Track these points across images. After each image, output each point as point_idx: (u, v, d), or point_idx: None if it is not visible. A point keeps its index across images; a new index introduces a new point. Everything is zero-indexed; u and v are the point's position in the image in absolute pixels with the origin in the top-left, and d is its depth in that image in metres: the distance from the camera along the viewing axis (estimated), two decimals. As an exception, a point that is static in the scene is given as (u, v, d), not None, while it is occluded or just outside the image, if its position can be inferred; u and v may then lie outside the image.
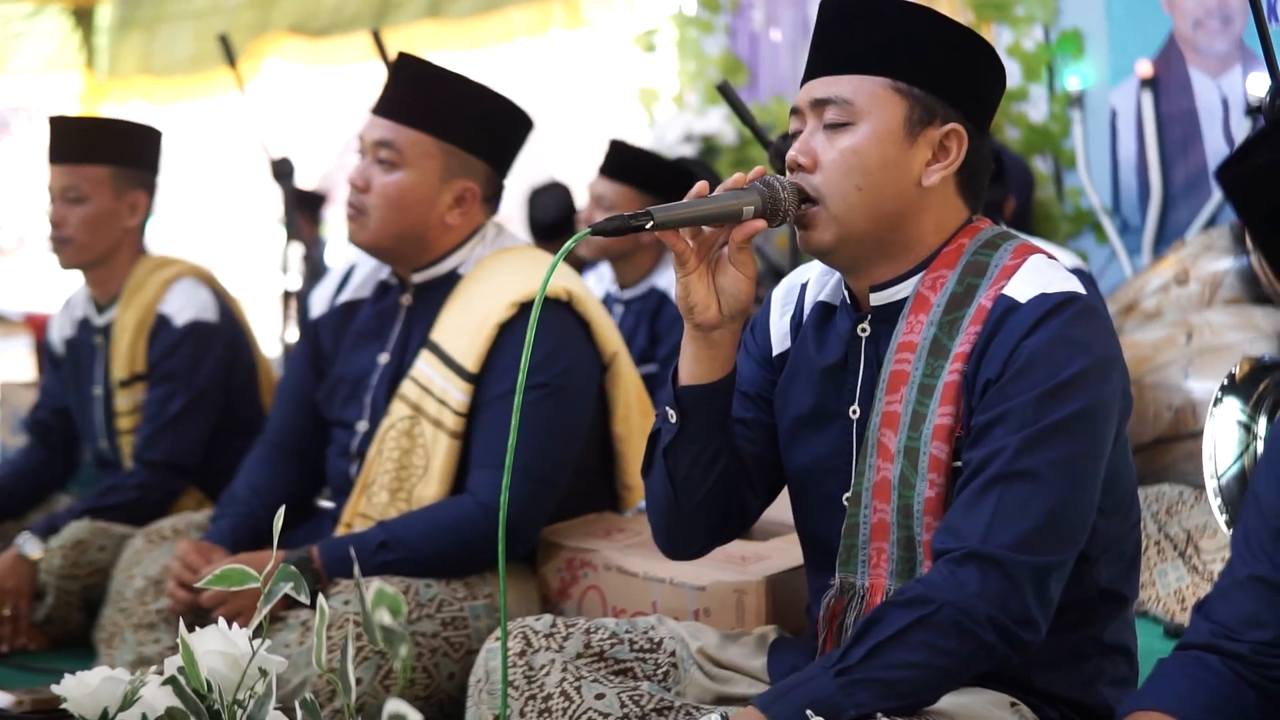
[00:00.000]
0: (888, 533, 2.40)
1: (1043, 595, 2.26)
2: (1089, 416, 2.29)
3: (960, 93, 2.46)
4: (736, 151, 7.78)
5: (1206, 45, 5.84)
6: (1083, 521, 2.31)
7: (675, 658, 2.63)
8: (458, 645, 3.28)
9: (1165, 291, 5.19)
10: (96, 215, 4.52)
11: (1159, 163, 5.97)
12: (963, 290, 2.41)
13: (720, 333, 2.47)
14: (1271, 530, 2.15)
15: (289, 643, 3.14)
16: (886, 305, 2.48)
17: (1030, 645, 2.27)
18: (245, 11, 10.37)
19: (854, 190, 2.40)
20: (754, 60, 8.09)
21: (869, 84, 2.42)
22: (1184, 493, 4.23)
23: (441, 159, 3.50)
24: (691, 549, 2.72)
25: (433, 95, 3.52)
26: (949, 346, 2.38)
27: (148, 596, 3.56)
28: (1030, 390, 2.28)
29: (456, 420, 3.42)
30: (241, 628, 2.17)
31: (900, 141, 2.42)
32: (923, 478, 2.36)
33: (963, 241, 2.47)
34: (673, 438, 2.52)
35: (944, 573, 2.25)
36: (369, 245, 3.54)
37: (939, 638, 2.22)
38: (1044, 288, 2.34)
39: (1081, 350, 2.30)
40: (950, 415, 2.35)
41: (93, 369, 4.70)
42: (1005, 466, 2.26)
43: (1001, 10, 6.51)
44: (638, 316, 5.73)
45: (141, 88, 11.08)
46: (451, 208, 3.53)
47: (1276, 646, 2.15)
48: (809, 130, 2.46)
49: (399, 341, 3.61)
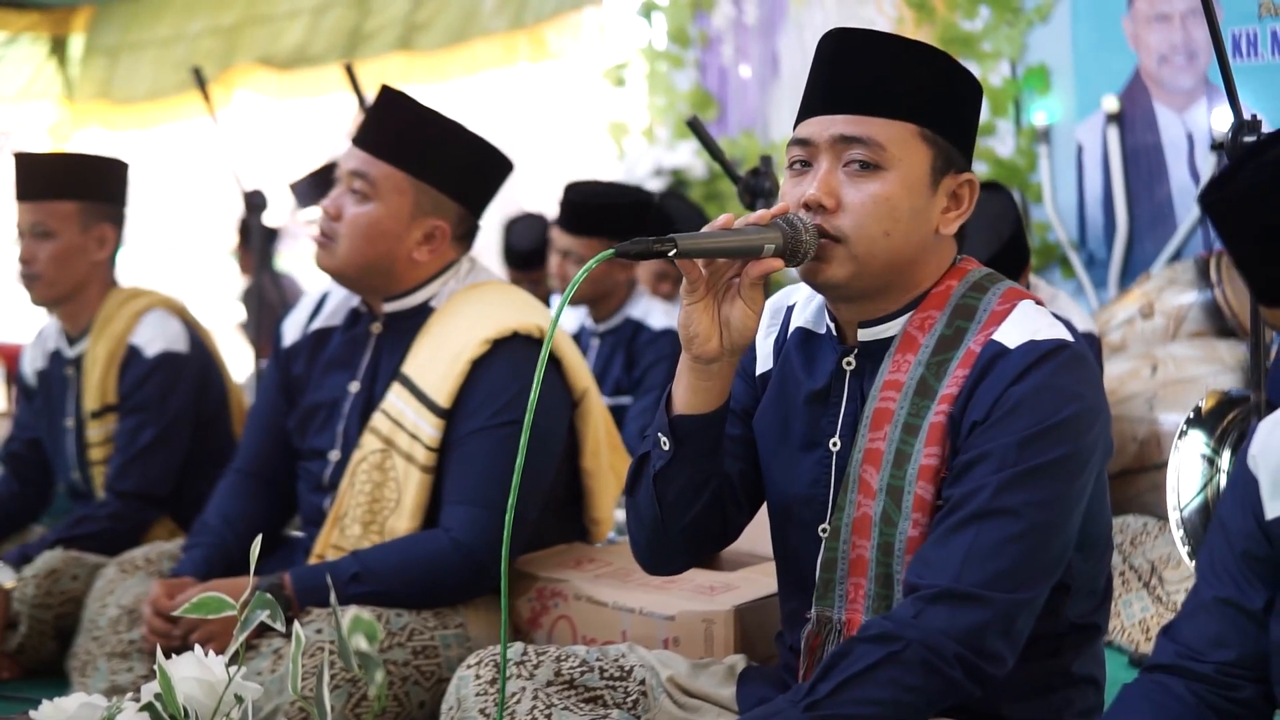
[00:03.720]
0: (866, 569, 2.40)
1: (1010, 632, 2.27)
2: (1071, 462, 2.30)
3: (969, 140, 2.48)
4: (706, 185, 7.81)
5: (1171, 81, 5.89)
6: (1056, 563, 2.32)
7: (645, 686, 2.64)
8: (428, 674, 3.29)
9: (1130, 325, 5.24)
10: (65, 250, 4.53)
11: (1125, 197, 6.01)
12: (951, 333, 2.41)
13: (719, 365, 2.43)
14: (1236, 554, 2.18)
15: (261, 670, 3.15)
16: (873, 341, 2.48)
17: (995, 680, 2.28)
18: (208, 39, 10.39)
19: (882, 236, 2.38)
20: (723, 95, 8.13)
21: (900, 129, 2.39)
22: (1149, 524, 4.27)
23: (413, 195, 3.51)
24: (672, 566, 2.71)
25: (410, 132, 3.53)
26: (936, 388, 2.38)
27: (121, 626, 3.56)
28: (1015, 433, 2.28)
29: (428, 455, 3.43)
30: (217, 654, 2.18)
31: (925, 189, 2.41)
32: (906, 516, 2.36)
33: (951, 283, 2.47)
34: (664, 464, 2.50)
35: (913, 609, 2.25)
36: (335, 272, 3.56)
37: (906, 675, 2.22)
38: (1033, 335, 2.34)
39: (1069, 398, 2.30)
40: (936, 456, 2.35)
41: (64, 401, 4.70)
42: (983, 505, 2.27)
43: (969, 45, 6.56)
44: (613, 348, 5.77)
45: (99, 114, 11.11)
46: (420, 244, 3.54)
47: (1240, 666, 2.18)
48: (827, 169, 2.41)
49: (369, 370, 3.62)
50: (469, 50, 9.16)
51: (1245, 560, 2.18)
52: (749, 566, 3.35)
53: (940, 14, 6.71)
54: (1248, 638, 2.17)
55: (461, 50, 9.18)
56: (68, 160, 4.83)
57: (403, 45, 9.37)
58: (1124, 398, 4.75)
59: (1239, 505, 2.19)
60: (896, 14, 6.93)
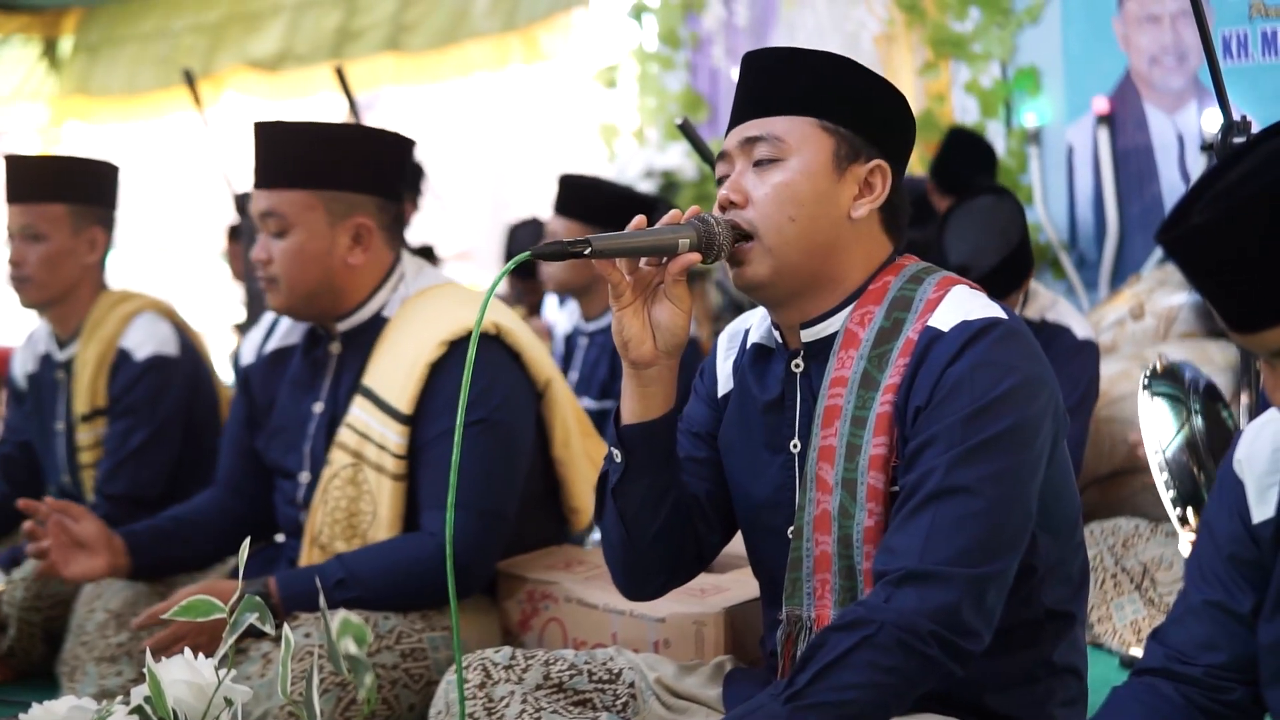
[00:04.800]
0: (830, 563, 2.42)
1: (981, 605, 2.27)
2: (1017, 433, 2.32)
3: (881, 133, 2.53)
4: (697, 187, 7.82)
5: (1162, 82, 5.90)
6: (1019, 533, 2.33)
7: (634, 689, 2.66)
8: (418, 676, 3.30)
9: (1121, 326, 5.25)
10: (55, 253, 4.53)
11: (1115, 198, 6.02)
12: (890, 324, 2.45)
13: (656, 369, 2.49)
14: (1223, 557, 2.19)
15: (250, 675, 3.15)
16: (817, 341, 2.52)
17: (973, 655, 2.28)
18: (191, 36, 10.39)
19: (788, 222, 2.45)
20: (714, 96, 8.14)
21: (799, 122, 2.48)
22: (1140, 525, 4.27)
23: (322, 207, 3.51)
24: (650, 587, 2.74)
25: (294, 151, 3.54)
26: (879, 379, 2.41)
27: (109, 630, 3.56)
28: (957, 413, 2.31)
29: (397, 463, 3.45)
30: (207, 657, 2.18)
31: (829, 175, 2.47)
32: (861, 507, 2.38)
33: (888, 278, 2.51)
34: (619, 477, 2.55)
35: (883, 594, 2.27)
36: (288, 310, 3.58)
37: (883, 657, 2.23)
38: (965, 315, 2.38)
39: (1005, 371, 2.33)
40: (884, 445, 2.38)
41: (55, 404, 4.70)
42: (937, 485, 2.29)
43: (959, 48, 6.57)
44: (601, 349, 5.76)
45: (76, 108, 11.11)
46: (351, 248, 3.55)
47: (1229, 669, 2.19)
48: (738, 170, 2.51)
49: (331, 389, 3.63)
50: (459, 51, 9.16)
51: (1233, 564, 2.18)
52: (739, 569, 3.35)
53: (931, 15, 6.71)
54: (1237, 640, 2.18)
55: (451, 51, 9.18)
56: (59, 163, 4.83)
57: (390, 45, 9.37)
58: (1115, 399, 4.75)
59: (1226, 509, 2.20)
60: (887, 15, 6.93)
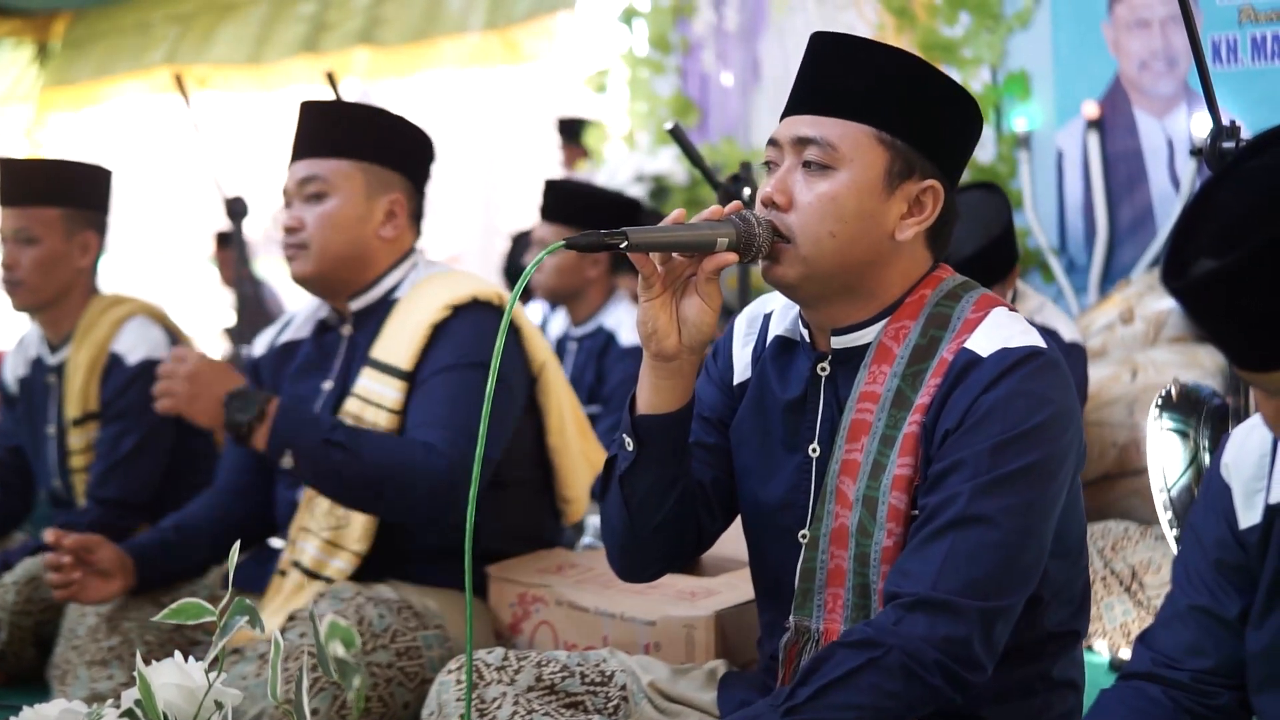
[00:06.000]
0: (844, 579, 2.40)
1: (989, 638, 2.27)
2: (1044, 468, 2.30)
3: (941, 149, 2.45)
4: (687, 192, 7.82)
5: (1152, 87, 5.90)
6: (1032, 569, 2.32)
7: (626, 691, 2.65)
8: (412, 675, 3.31)
9: (1111, 330, 5.24)
10: (48, 257, 4.53)
11: (1105, 203, 6.02)
12: (926, 342, 2.41)
13: (679, 363, 2.44)
14: (1210, 562, 2.19)
15: (246, 675, 3.16)
16: (846, 349, 2.48)
17: (974, 686, 2.28)
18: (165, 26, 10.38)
19: (827, 236, 2.38)
20: (704, 101, 8.15)
21: (855, 130, 2.39)
22: (1129, 529, 4.27)
23: (363, 178, 3.59)
24: (647, 572, 2.71)
25: (341, 123, 3.64)
26: (911, 399, 2.37)
27: (100, 633, 3.57)
28: (988, 440, 2.28)
29: (391, 418, 3.47)
30: None
31: (879, 193, 2.40)
32: (881, 527, 2.36)
33: (925, 292, 2.46)
34: (629, 465, 2.51)
35: (893, 616, 2.26)
36: (314, 274, 3.59)
37: (886, 680, 2.22)
38: (1006, 342, 2.34)
39: (1041, 404, 2.30)
40: (909, 466, 2.35)
41: (46, 408, 4.70)
42: (959, 512, 2.27)
43: (949, 52, 6.57)
44: (588, 355, 5.76)
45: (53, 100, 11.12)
46: (383, 223, 3.62)
47: (1216, 674, 2.19)
48: (786, 167, 2.43)
49: (342, 369, 3.66)
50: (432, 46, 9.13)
51: (1220, 568, 2.18)
52: (730, 572, 3.36)
53: (921, 20, 6.72)
54: (1224, 645, 2.18)
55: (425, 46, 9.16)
56: (53, 167, 4.83)
57: (364, 39, 9.33)
58: (1104, 403, 4.75)
59: (1213, 513, 2.19)
60: (878, 19, 6.94)
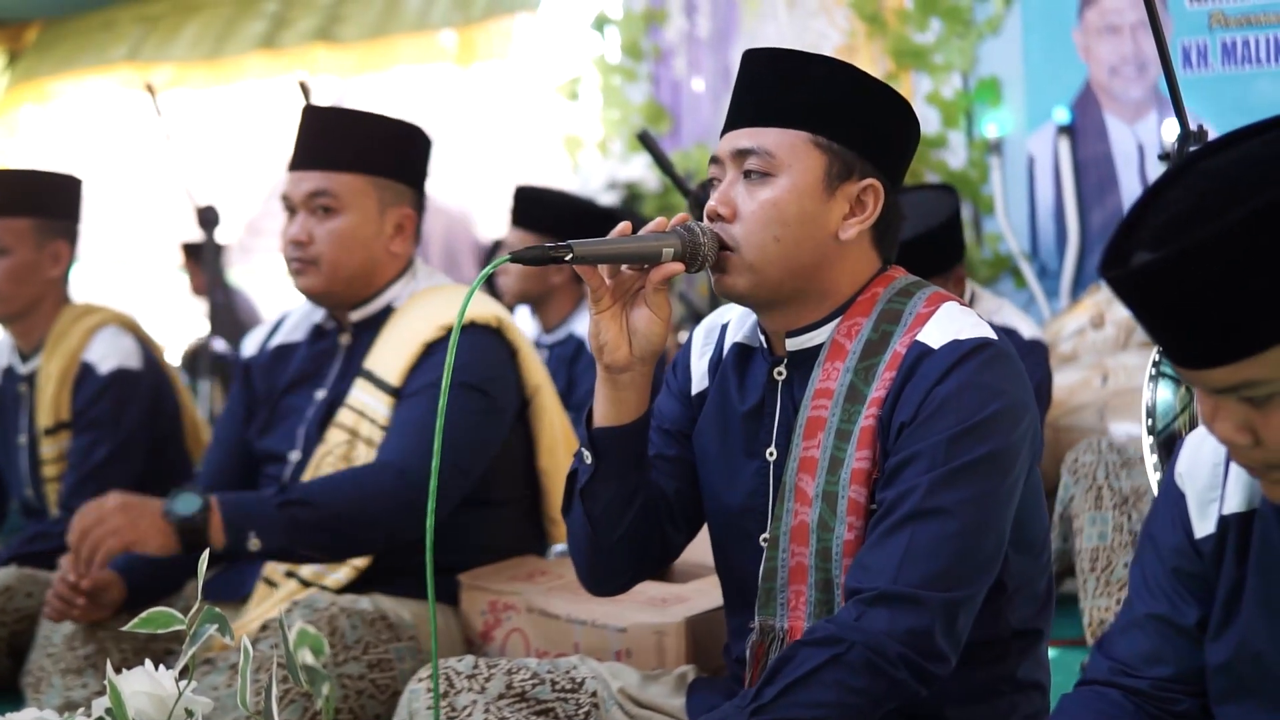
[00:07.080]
0: (806, 575, 2.42)
1: (951, 630, 2.29)
2: (999, 459, 2.32)
3: (878, 149, 2.48)
4: (660, 199, 7.84)
5: (1122, 92, 5.93)
6: (992, 559, 2.34)
7: (596, 698, 2.65)
8: (383, 687, 3.30)
9: (1081, 335, 5.27)
10: (19, 267, 4.52)
11: (1076, 208, 6.05)
12: (878, 337, 2.43)
13: (630, 375, 2.47)
14: (1168, 570, 2.18)
15: (217, 685, 3.14)
16: (802, 351, 2.50)
17: (940, 678, 2.30)
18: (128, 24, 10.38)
19: (772, 242, 2.41)
20: (676, 108, 8.16)
21: (791, 137, 2.43)
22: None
23: (376, 194, 3.57)
24: (614, 584, 2.73)
25: (353, 135, 3.60)
26: (865, 392, 2.40)
27: (75, 642, 3.55)
28: (942, 432, 2.30)
29: (383, 433, 3.47)
30: None
31: (819, 195, 2.43)
32: (841, 521, 2.37)
33: (877, 290, 2.49)
34: (589, 478, 2.53)
35: (855, 612, 2.27)
36: (324, 291, 3.59)
37: (850, 676, 2.23)
38: (957, 334, 2.37)
39: (993, 395, 2.33)
40: (867, 459, 2.37)
41: (18, 418, 4.69)
42: (916, 505, 2.29)
43: (920, 58, 6.59)
44: (558, 362, 5.75)
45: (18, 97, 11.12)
46: (393, 237, 3.61)
47: (1176, 682, 2.19)
48: (729, 180, 2.46)
49: (337, 378, 3.65)
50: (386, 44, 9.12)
51: (1177, 576, 2.18)
52: (700, 578, 3.36)
53: (892, 27, 6.74)
54: (1182, 653, 2.17)
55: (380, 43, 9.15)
56: (23, 177, 4.81)
57: (321, 35, 9.31)
58: (1075, 407, 4.77)
59: (1169, 521, 2.19)
60: (849, 27, 6.96)
